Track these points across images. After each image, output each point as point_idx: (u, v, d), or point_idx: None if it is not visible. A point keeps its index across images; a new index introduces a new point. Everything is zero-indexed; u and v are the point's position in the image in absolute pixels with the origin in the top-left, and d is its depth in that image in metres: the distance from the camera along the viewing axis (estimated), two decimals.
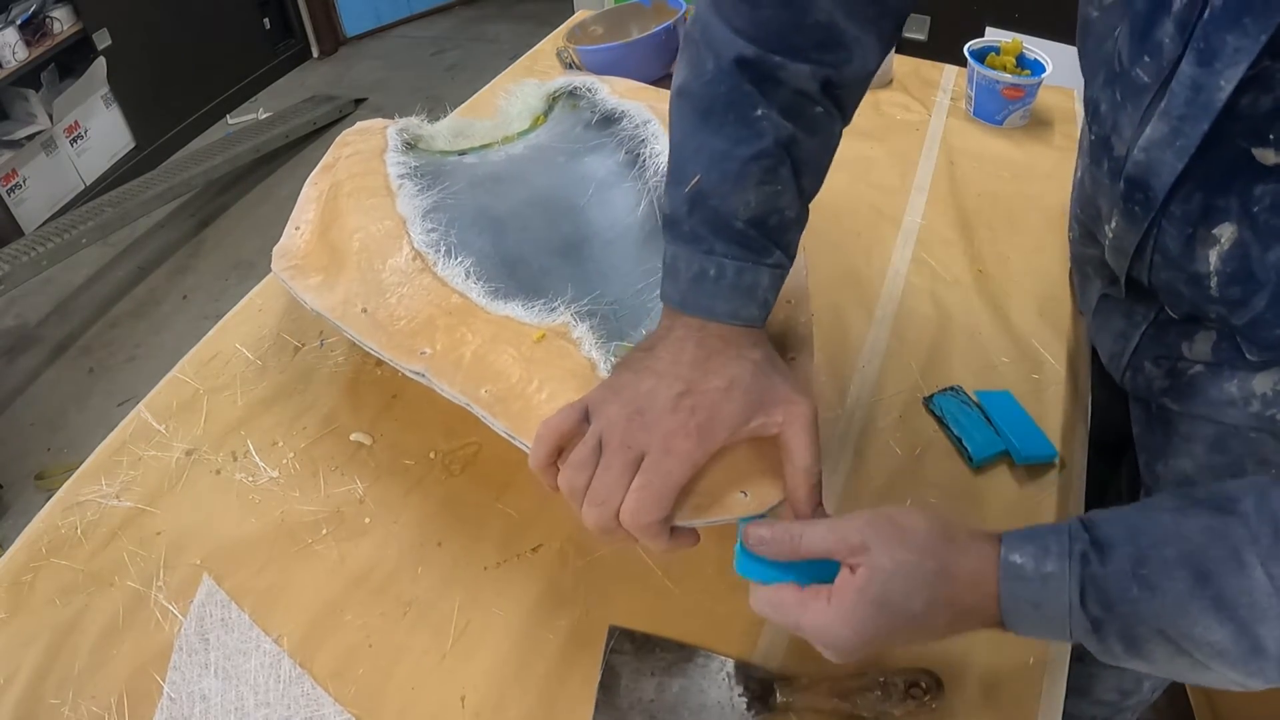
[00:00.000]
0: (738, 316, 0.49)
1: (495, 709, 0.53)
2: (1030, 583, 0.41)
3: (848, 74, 0.50)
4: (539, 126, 0.90)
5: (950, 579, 0.42)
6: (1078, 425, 0.69)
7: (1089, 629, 0.40)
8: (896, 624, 0.42)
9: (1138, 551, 0.39)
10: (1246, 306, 0.49)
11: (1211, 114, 0.43)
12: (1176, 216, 0.49)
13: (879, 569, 0.42)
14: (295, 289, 0.67)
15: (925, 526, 0.43)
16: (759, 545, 0.45)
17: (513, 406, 0.54)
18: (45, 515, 0.66)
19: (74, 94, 2.50)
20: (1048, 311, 0.78)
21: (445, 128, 0.87)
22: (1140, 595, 0.38)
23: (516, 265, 0.69)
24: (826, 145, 0.53)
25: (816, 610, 0.43)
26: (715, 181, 0.48)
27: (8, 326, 2.24)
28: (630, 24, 1.21)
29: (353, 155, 0.76)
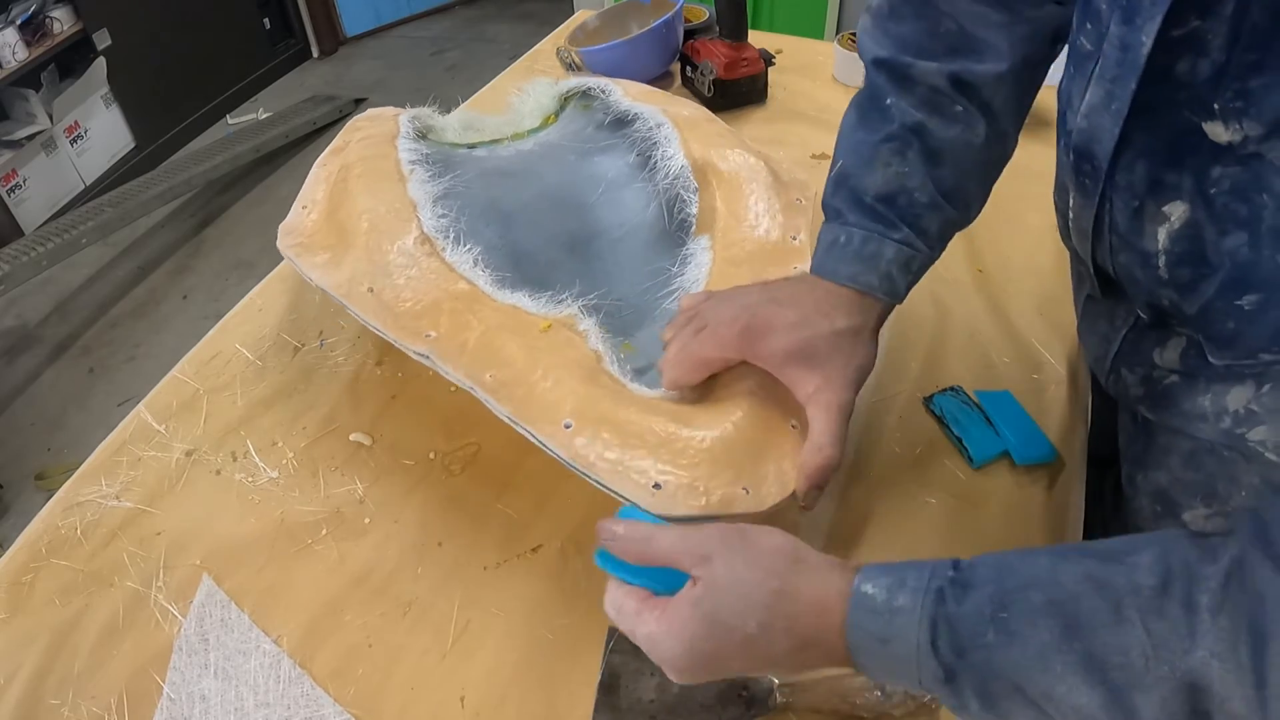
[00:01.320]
0: (857, 280, 0.53)
1: (495, 709, 0.53)
2: (879, 615, 0.38)
3: (979, 72, 0.54)
4: (550, 125, 0.90)
5: (791, 601, 0.39)
6: (1078, 425, 0.69)
7: (940, 677, 0.36)
8: (730, 643, 0.39)
9: (1001, 593, 0.36)
10: (1196, 292, 0.48)
11: (1137, 71, 0.43)
12: (1122, 187, 0.48)
13: (714, 583, 0.40)
14: (301, 266, 0.67)
15: (775, 545, 0.41)
16: (610, 541, 0.44)
17: (516, 392, 0.54)
18: (45, 515, 0.66)
19: (74, 94, 2.50)
20: (1048, 311, 0.78)
21: (456, 120, 0.88)
22: (996, 642, 0.35)
23: (523, 258, 0.69)
24: (967, 142, 0.55)
25: (650, 620, 0.41)
26: (852, 164, 0.55)
27: (8, 326, 2.24)
28: (630, 22, 1.21)
29: (364, 139, 0.76)
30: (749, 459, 0.51)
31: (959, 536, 0.62)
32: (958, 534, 0.62)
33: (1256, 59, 0.39)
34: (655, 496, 0.49)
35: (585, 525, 0.63)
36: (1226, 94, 0.40)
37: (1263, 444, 0.49)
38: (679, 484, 0.49)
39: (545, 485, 0.65)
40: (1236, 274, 0.45)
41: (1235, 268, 0.45)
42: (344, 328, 0.80)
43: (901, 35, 0.55)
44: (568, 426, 0.52)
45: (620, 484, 0.49)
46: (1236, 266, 0.45)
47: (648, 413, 0.52)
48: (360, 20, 3.55)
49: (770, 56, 1.12)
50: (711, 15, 1.23)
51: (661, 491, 0.49)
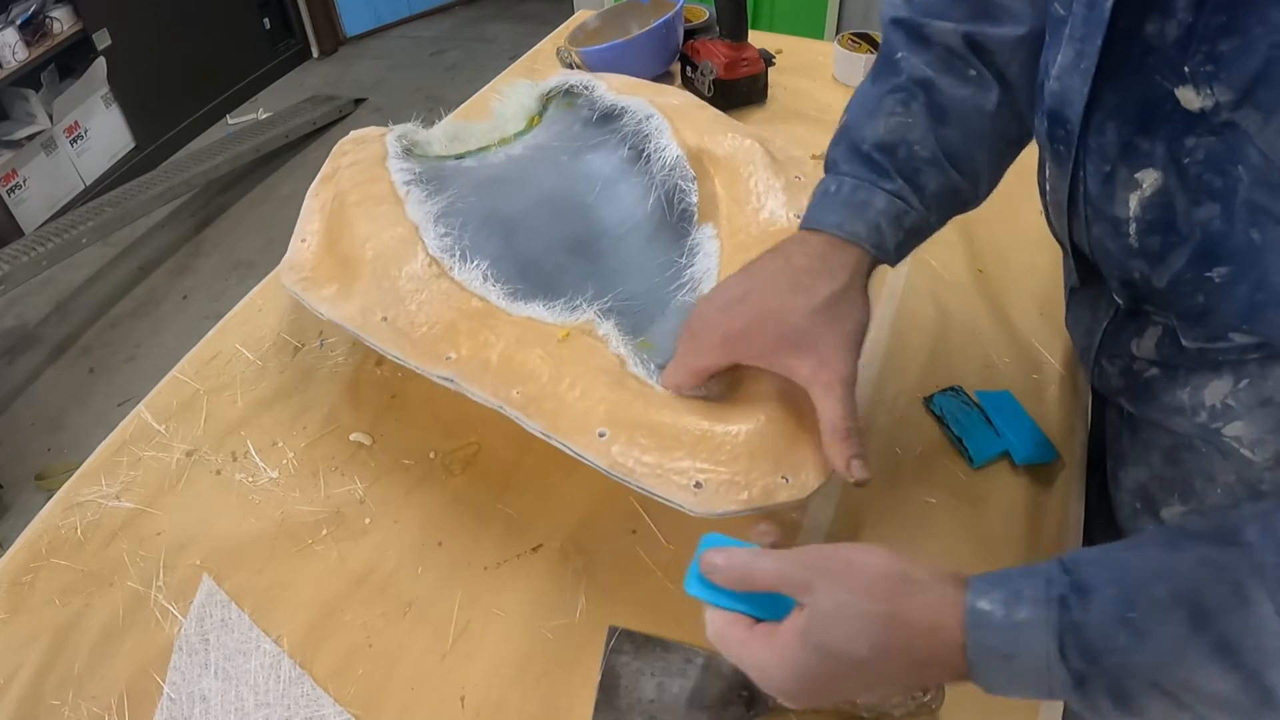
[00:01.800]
0: (842, 229, 0.51)
1: (495, 709, 0.53)
2: (1000, 631, 0.36)
3: (995, 35, 0.53)
4: (535, 127, 0.89)
5: (902, 625, 0.38)
6: (1078, 425, 0.69)
7: (1071, 684, 0.35)
8: (841, 670, 0.39)
9: (1124, 593, 0.35)
10: (1165, 262, 0.47)
11: (1103, 27, 0.43)
12: (1094, 151, 0.48)
13: (820, 612, 0.39)
14: (310, 302, 0.66)
15: (879, 566, 0.40)
16: (712, 572, 0.43)
17: (546, 406, 0.54)
18: (45, 515, 0.66)
19: (74, 94, 2.50)
20: (1048, 311, 0.78)
21: (441, 132, 0.87)
22: (1129, 644, 0.34)
23: (529, 266, 0.69)
24: (978, 106, 0.54)
25: (758, 650, 0.41)
26: (856, 115, 0.55)
27: (8, 326, 2.24)
28: (630, 21, 1.21)
29: (354, 164, 0.76)
30: (785, 447, 0.51)
31: (959, 536, 0.62)
32: (958, 534, 0.62)
33: (1224, 21, 0.38)
34: (697, 496, 0.49)
35: (585, 525, 0.63)
36: (1196, 57, 0.40)
37: (1238, 440, 0.49)
38: (719, 481, 0.49)
39: (545, 485, 0.65)
40: (1207, 245, 0.45)
41: (1206, 239, 0.44)
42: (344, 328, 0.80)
43: (926, 2, 0.55)
44: (602, 435, 0.52)
45: (661, 487, 0.50)
46: (1208, 238, 0.44)
47: (680, 412, 0.52)
48: (360, 20, 3.55)
49: (770, 56, 1.12)
50: (711, 15, 1.23)
51: (703, 490, 0.49)
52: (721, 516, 0.49)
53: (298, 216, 0.74)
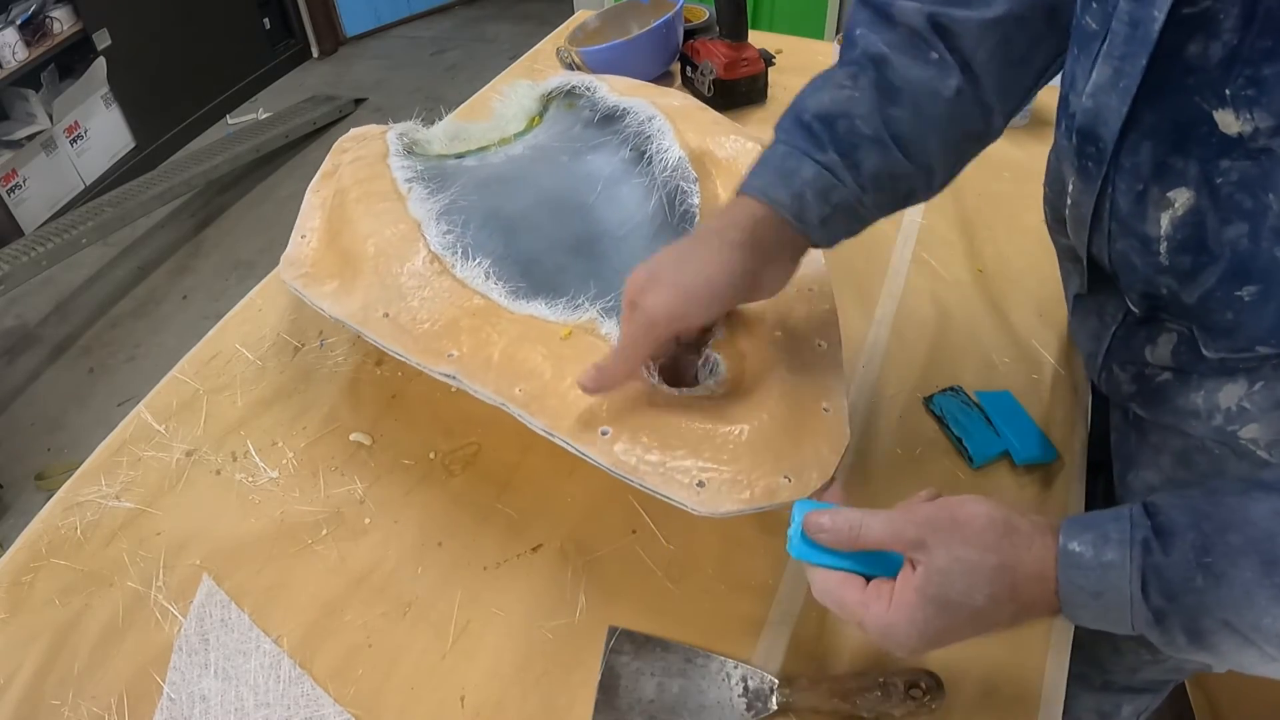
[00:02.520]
0: (765, 193, 0.50)
1: (495, 709, 0.53)
2: (1090, 571, 0.39)
3: (959, 17, 0.51)
4: (535, 127, 0.90)
5: (1011, 572, 0.40)
6: (1078, 425, 0.69)
7: (1151, 621, 0.38)
8: (959, 620, 0.41)
9: (1202, 538, 0.37)
10: (1196, 281, 0.47)
11: (1148, 48, 0.42)
12: (1126, 170, 0.48)
13: (937, 568, 0.41)
14: (310, 297, 0.66)
15: (985, 520, 0.42)
16: (818, 533, 0.45)
17: (548, 404, 0.54)
18: (45, 515, 0.66)
19: (74, 94, 2.50)
20: (1048, 311, 0.78)
21: (441, 131, 0.87)
22: (1205, 585, 0.37)
23: (531, 265, 0.69)
24: (934, 90, 0.51)
25: (878, 611, 0.42)
26: (808, 90, 0.53)
27: (8, 326, 2.24)
28: (630, 21, 1.21)
29: (355, 161, 0.76)
30: (787, 446, 0.51)
31: None
32: None
33: (1271, 45, 0.38)
34: (700, 494, 0.49)
35: (585, 525, 0.63)
36: (1238, 80, 0.40)
37: (1254, 441, 0.49)
38: (722, 480, 0.49)
39: (545, 485, 0.65)
40: (1236, 264, 0.45)
41: (1235, 257, 0.44)
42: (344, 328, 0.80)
43: None
44: (605, 433, 0.52)
45: (665, 486, 0.50)
46: (1236, 256, 0.44)
47: (683, 412, 0.52)
48: (360, 20, 3.54)
49: (770, 56, 1.12)
50: (711, 15, 1.23)
51: (705, 489, 0.49)
52: (725, 515, 0.49)
53: (298, 216, 0.74)
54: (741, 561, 0.60)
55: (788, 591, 0.59)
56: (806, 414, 0.53)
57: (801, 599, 0.58)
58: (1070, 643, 0.55)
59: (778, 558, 0.60)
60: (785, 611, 0.58)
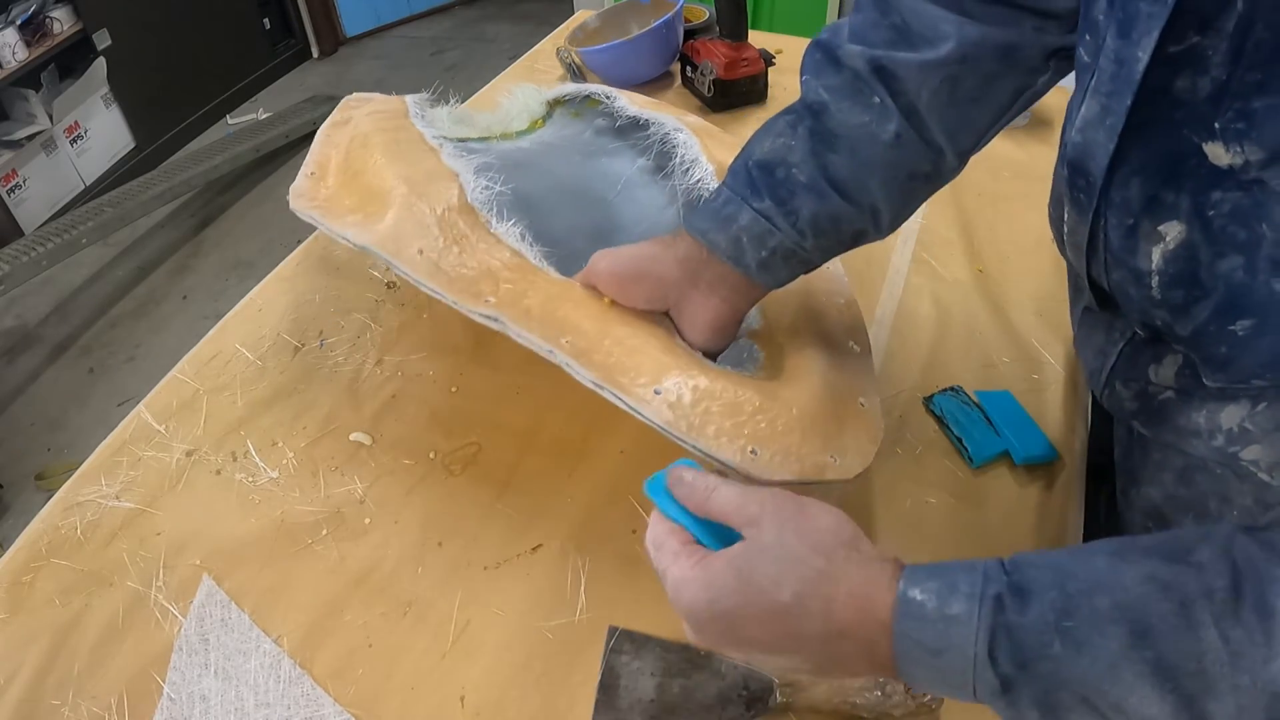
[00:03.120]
0: (704, 235, 0.53)
1: (495, 709, 0.53)
2: (930, 624, 0.35)
3: (901, 60, 0.51)
4: (537, 129, 0.90)
5: (831, 583, 0.37)
6: (1078, 425, 0.69)
7: (997, 689, 0.34)
8: (757, 607, 0.37)
9: (1064, 599, 0.34)
10: (1188, 315, 0.46)
11: (1133, 87, 0.42)
12: (1116, 204, 0.47)
13: (756, 544, 0.38)
14: (330, 226, 0.62)
15: (831, 524, 0.39)
16: (677, 484, 0.42)
17: (596, 358, 0.52)
18: (45, 515, 0.66)
19: (74, 94, 2.50)
20: (1048, 311, 0.78)
21: (447, 114, 0.88)
22: (1063, 652, 0.33)
23: (553, 246, 0.68)
24: (872, 135, 0.51)
25: (685, 565, 0.39)
26: (755, 135, 0.55)
27: (8, 326, 2.24)
28: (630, 21, 1.21)
29: (374, 113, 0.74)
30: (833, 429, 0.52)
31: (959, 536, 0.62)
32: (957, 534, 0.62)
33: (1260, 79, 0.37)
34: (754, 461, 0.49)
35: (585, 525, 0.63)
36: (1228, 114, 0.39)
37: (1255, 463, 0.49)
38: (775, 449, 0.50)
39: (545, 485, 0.65)
40: (1230, 298, 0.44)
41: (1229, 291, 0.44)
42: (344, 328, 0.80)
43: (852, 23, 0.54)
44: (658, 393, 0.50)
45: (720, 449, 0.49)
46: (1230, 290, 0.44)
47: (735, 383, 0.52)
48: (360, 20, 3.55)
49: (770, 56, 1.12)
50: (711, 15, 1.23)
51: (758, 457, 0.49)
52: (774, 483, 0.49)
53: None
54: None
55: None
56: (846, 404, 0.54)
57: None
58: None
59: None
60: None
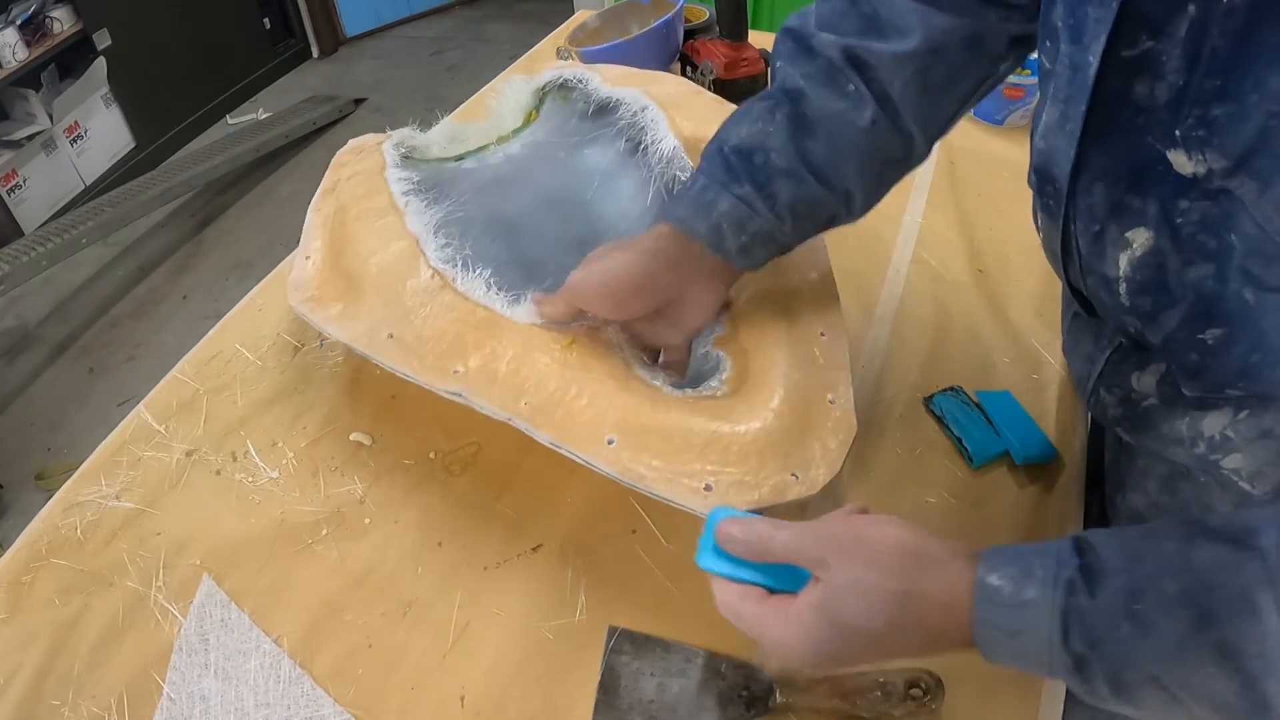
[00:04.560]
0: (685, 224, 0.52)
1: (495, 709, 0.53)
2: (1007, 609, 0.37)
3: (876, 51, 0.51)
4: (532, 122, 0.89)
5: (917, 599, 0.38)
6: (1078, 425, 0.69)
7: (1070, 667, 0.36)
8: (858, 643, 0.39)
9: (1133, 584, 0.35)
10: (1157, 322, 0.46)
11: (1086, 91, 0.42)
12: (1082, 210, 0.47)
13: (835, 586, 0.39)
14: (317, 322, 0.66)
15: (893, 541, 0.40)
16: (728, 543, 0.43)
17: (555, 416, 0.54)
18: (45, 515, 0.66)
19: (74, 94, 2.50)
20: (1047, 312, 0.78)
21: (439, 135, 0.87)
22: (1132, 635, 0.34)
23: (535, 268, 0.69)
24: (849, 121, 0.52)
25: (774, 624, 0.41)
26: (730, 120, 0.55)
27: (8, 326, 2.24)
28: (630, 21, 1.21)
29: (353, 176, 0.75)
30: (794, 443, 0.51)
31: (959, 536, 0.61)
32: (958, 534, 0.62)
33: (1219, 85, 0.37)
34: (707, 498, 0.49)
35: (585, 525, 0.63)
36: (1188, 120, 0.39)
37: (1236, 471, 0.48)
38: (729, 482, 0.49)
39: (545, 485, 0.65)
40: (1200, 307, 0.44)
41: (1199, 300, 0.44)
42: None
43: (820, 12, 0.54)
44: (611, 442, 0.52)
45: (672, 491, 0.50)
46: (1200, 299, 0.43)
47: (688, 413, 0.52)
48: (360, 20, 3.55)
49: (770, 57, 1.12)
50: (711, 15, 1.23)
51: (713, 492, 0.49)
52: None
53: (298, 217, 0.73)
54: None
55: None
56: (812, 408, 0.53)
57: None
58: None
59: None
60: None
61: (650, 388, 0.55)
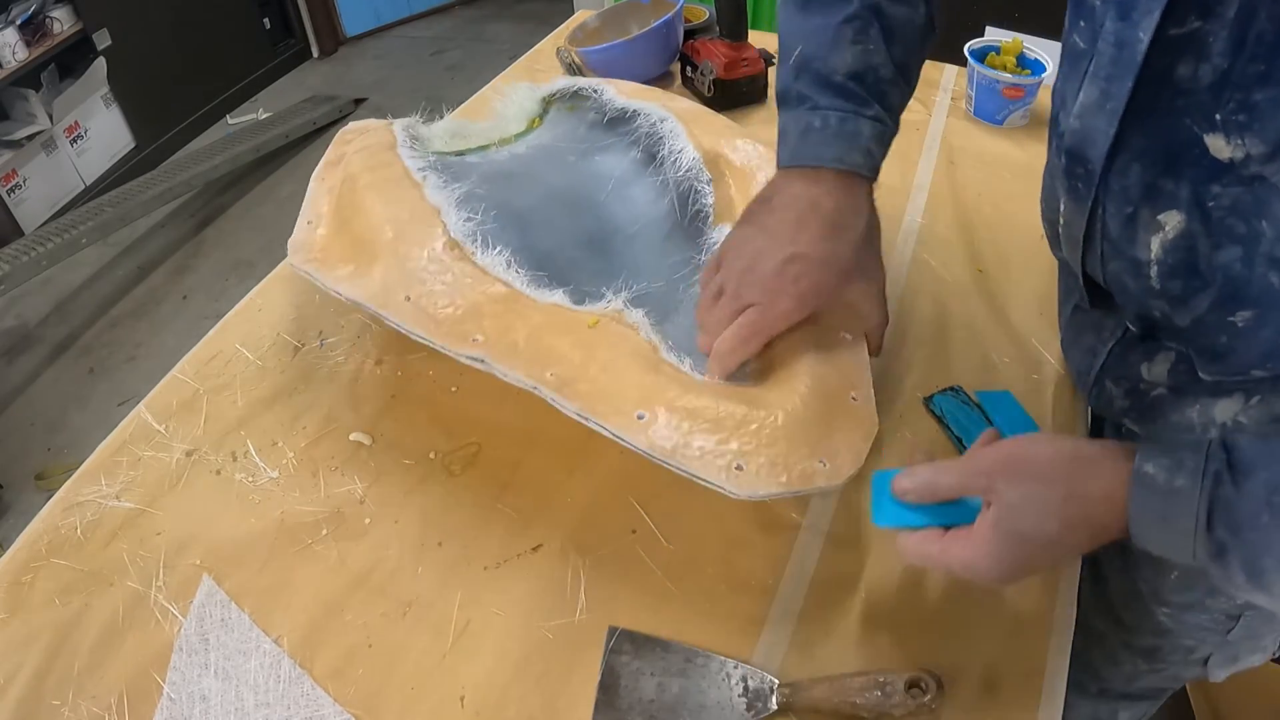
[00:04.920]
0: (843, 161, 0.54)
1: (495, 709, 0.53)
2: (1159, 495, 0.40)
3: None
4: (535, 129, 0.90)
5: (1082, 500, 0.42)
6: (1077, 425, 0.69)
7: (1212, 553, 0.39)
8: (1036, 548, 0.43)
9: (1274, 478, 0.38)
10: (1187, 306, 0.47)
11: (1133, 70, 0.42)
12: (1115, 192, 0.48)
13: (1009, 505, 0.43)
14: (324, 281, 0.65)
15: (1052, 454, 0.44)
16: (904, 494, 0.49)
17: (581, 388, 0.53)
18: (45, 515, 0.66)
19: (74, 94, 2.50)
20: (1048, 311, 0.78)
21: (442, 129, 0.87)
22: (1271, 523, 0.37)
23: (545, 260, 0.68)
24: (912, 21, 0.57)
25: (958, 551, 0.45)
26: (815, 48, 0.56)
27: (8, 326, 2.24)
28: (630, 22, 1.21)
29: (363, 149, 0.75)
30: (820, 433, 0.52)
31: None
32: None
33: (1263, 70, 0.37)
34: (738, 478, 0.49)
35: (585, 525, 0.63)
36: (1229, 105, 0.39)
37: None
38: (760, 464, 0.50)
39: (545, 485, 0.65)
40: (1229, 289, 0.44)
41: (1228, 283, 0.44)
42: (344, 328, 0.80)
43: None
44: (641, 418, 0.51)
45: (703, 469, 0.50)
46: (1229, 281, 0.44)
47: (718, 397, 0.52)
48: (360, 20, 3.55)
49: (770, 56, 1.12)
50: (711, 15, 1.23)
51: (743, 473, 0.50)
52: (762, 499, 0.50)
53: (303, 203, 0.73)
54: (741, 561, 0.60)
55: (788, 591, 0.59)
56: (836, 402, 0.54)
57: (801, 599, 0.58)
58: (1070, 643, 0.55)
59: (778, 558, 0.60)
60: (785, 611, 0.58)
61: (678, 371, 0.55)
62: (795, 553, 0.61)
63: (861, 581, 0.59)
